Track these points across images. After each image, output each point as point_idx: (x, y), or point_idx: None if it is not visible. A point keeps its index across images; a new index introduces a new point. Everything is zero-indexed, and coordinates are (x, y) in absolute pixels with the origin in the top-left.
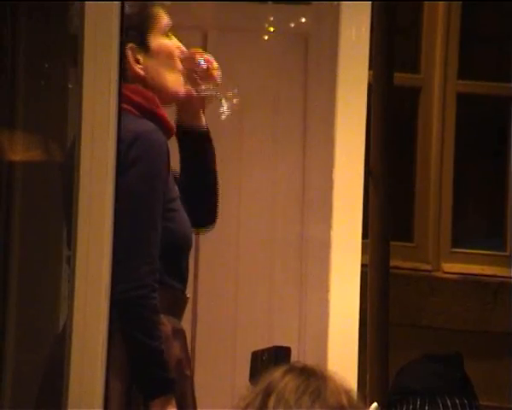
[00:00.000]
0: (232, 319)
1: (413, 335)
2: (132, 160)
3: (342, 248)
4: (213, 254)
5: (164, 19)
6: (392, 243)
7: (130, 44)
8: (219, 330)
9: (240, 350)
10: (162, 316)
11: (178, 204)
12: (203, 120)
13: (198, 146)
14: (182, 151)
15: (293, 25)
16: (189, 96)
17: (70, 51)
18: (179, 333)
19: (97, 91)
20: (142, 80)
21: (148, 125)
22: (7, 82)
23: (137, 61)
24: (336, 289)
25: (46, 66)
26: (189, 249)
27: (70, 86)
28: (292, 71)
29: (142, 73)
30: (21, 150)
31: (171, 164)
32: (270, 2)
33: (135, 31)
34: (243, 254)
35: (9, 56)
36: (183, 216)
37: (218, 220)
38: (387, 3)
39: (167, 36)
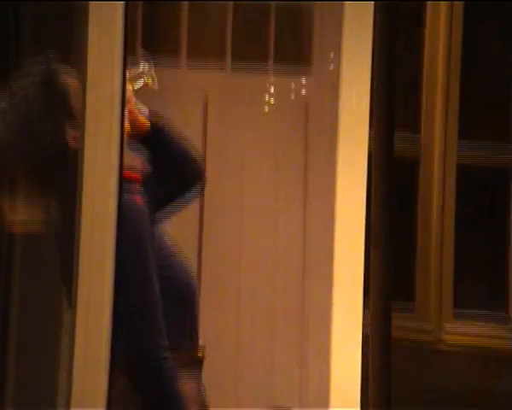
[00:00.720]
0: (233, 382)
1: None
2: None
3: (343, 310)
4: (214, 318)
5: None
6: (393, 304)
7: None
8: (220, 397)
9: None
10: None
11: (172, 249)
12: (145, 120)
13: (157, 139)
14: (149, 152)
15: (293, 94)
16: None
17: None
18: (197, 392)
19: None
20: None
21: None
22: None
23: None
24: (338, 351)
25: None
26: (193, 299)
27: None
28: (292, 137)
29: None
30: (21, 213)
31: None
32: (271, 74)
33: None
34: (244, 317)
35: None
36: (179, 262)
37: (220, 281)
38: (388, 73)
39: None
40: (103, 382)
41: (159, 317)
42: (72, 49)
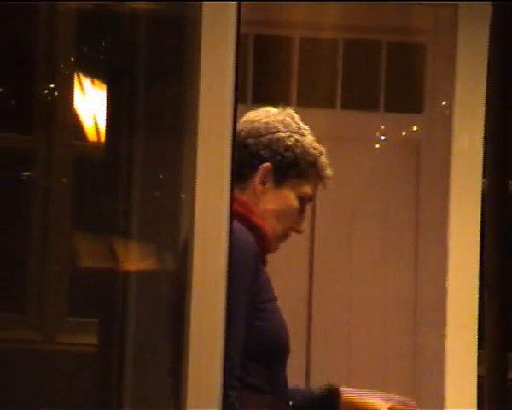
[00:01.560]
0: None
1: None
2: None
3: (457, 359)
4: (323, 368)
5: (327, 172)
6: (510, 354)
7: (267, 164)
8: None
9: None
10: None
11: (273, 306)
12: None
13: None
14: None
15: (404, 133)
16: None
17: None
18: None
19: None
20: (252, 198)
21: (234, 226)
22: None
23: (263, 182)
24: (452, 401)
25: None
26: (283, 353)
27: (183, 196)
28: (403, 179)
29: (258, 193)
30: (136, 260)
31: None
32: (381, 112)
33: (290, 163)
34: (355, 362)
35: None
36: (277, 318)
37: (330, 330)
38: (500, 113)
39: (315, 187)
40: (218, 382)
41: (235, 357)
42: (184, 97)
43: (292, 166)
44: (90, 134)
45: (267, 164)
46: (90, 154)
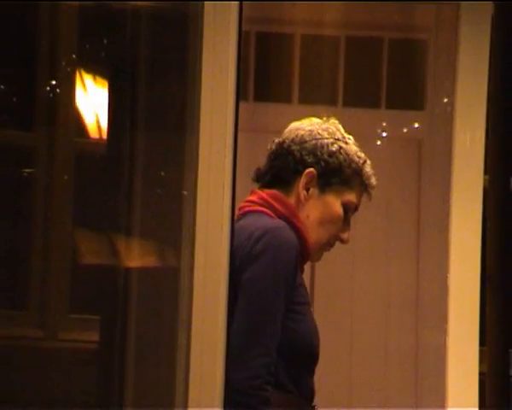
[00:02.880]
0: None
1: None
2: (257, 253)
3: (459, 355)
4: (326, 358)
5: (372, 181)
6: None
7: (311, 170)
8: None
9: None
10: None
11: (306, 310)
12: None
13: None
14: None
15: (406, 130)
16: None
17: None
18: None
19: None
20: (297, 204)
21: (279, 223)
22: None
23: (307, 188)
24: (454, 398)
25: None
26: (312, 358)
27: (185, 193)
28: (405, 176)
29: (302, 199)
30: (138, 257)
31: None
32: (383, 109)
33: (335, 169)
34: (356, 358)
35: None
36: (309, 323)
37: (331, 326)
38: (503, 110)
39: (360, 196)
40: (220, 380)
41: (271, 352)
42: (186, 94)
43: (336, 172)
44: (92, 131)
45: (311, 169)
46: (91, 151)
